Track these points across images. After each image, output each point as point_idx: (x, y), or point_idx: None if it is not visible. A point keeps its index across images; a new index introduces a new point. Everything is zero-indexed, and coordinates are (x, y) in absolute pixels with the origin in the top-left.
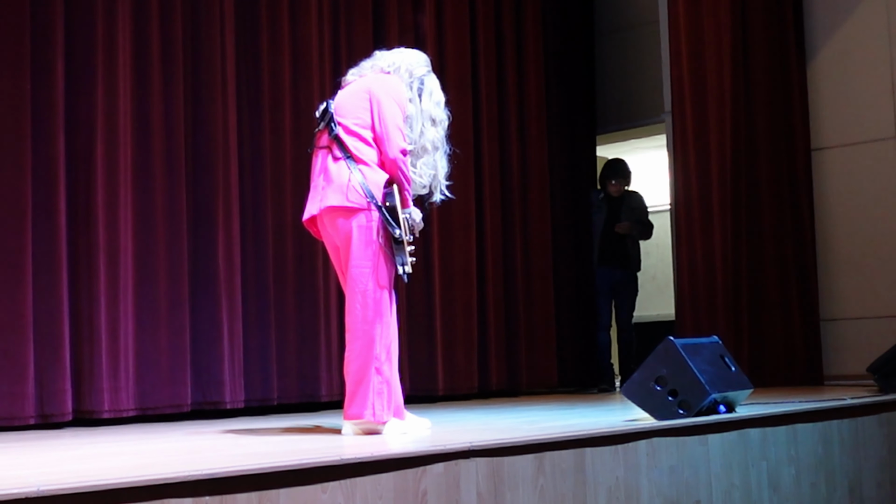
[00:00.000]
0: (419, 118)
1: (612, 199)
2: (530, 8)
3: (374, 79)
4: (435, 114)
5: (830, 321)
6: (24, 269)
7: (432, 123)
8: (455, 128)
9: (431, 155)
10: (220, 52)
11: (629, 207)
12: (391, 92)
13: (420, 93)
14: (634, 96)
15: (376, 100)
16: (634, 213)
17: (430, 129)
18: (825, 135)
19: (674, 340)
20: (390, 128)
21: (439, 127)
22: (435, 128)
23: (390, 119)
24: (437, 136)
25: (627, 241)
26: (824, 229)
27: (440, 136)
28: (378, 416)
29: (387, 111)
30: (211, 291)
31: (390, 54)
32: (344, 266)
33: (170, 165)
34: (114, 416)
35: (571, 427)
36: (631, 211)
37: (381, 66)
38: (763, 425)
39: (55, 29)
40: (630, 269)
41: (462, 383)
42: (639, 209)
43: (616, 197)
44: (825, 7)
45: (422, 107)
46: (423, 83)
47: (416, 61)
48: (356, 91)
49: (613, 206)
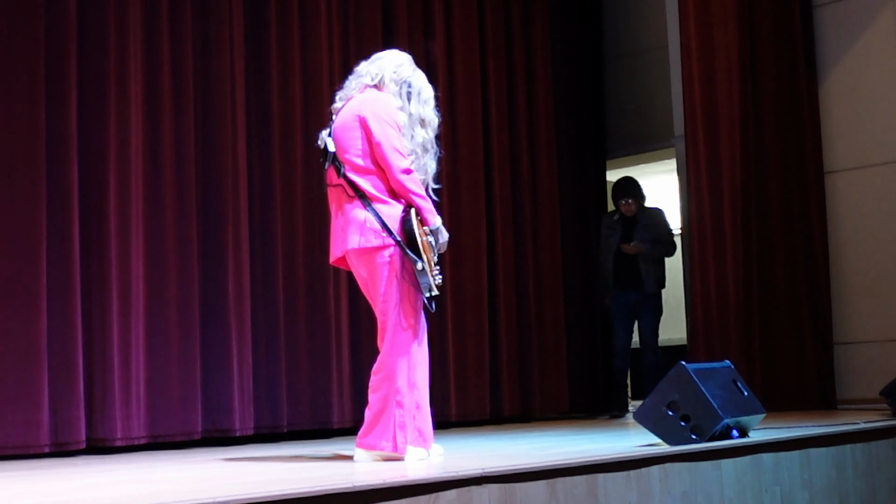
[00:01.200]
0: (410, 123)
1: (627, 218)
2: (539, 33)
3: (361, 101)
4: (424, 113)
5: (843, 345)
6: (39, 296)
7: (421, 125)
8: (465, 153)
9: (422, 158)
10: (230, 81)
11: (644, 226)
12: (380, 112)
13: (409, 96)
14: (644, 121)
15: (368, 127)
16: (650, 230)
17: (419, 132)
18: (837, 158)
19: (686, 365)
20: (387, 152)
21: (428, 128)
22: (424, 129)
23: (385, 143)
24: (427, 137)
25: (640, 261)
26: (837, 253)
27: (430, 138)
28: (399, 448)
29: (380, 136)
30: (221, 319)
31: (371, 65)
32: (372, 300)
33: (180, 194)
34: (126, 443)
35: (584, 453)
36: (646, 229)
37: (364, 81)
38: (776, 450)
39: (69, 61)
40: (646, 290)
41: (474, 409)
42: (655, 226)
43: (630, 216)
44: (836, 30)
45: (411, 110)
46: (410, 85)
47: (398, 63)
48: (348, 121)
49: (627, 225)
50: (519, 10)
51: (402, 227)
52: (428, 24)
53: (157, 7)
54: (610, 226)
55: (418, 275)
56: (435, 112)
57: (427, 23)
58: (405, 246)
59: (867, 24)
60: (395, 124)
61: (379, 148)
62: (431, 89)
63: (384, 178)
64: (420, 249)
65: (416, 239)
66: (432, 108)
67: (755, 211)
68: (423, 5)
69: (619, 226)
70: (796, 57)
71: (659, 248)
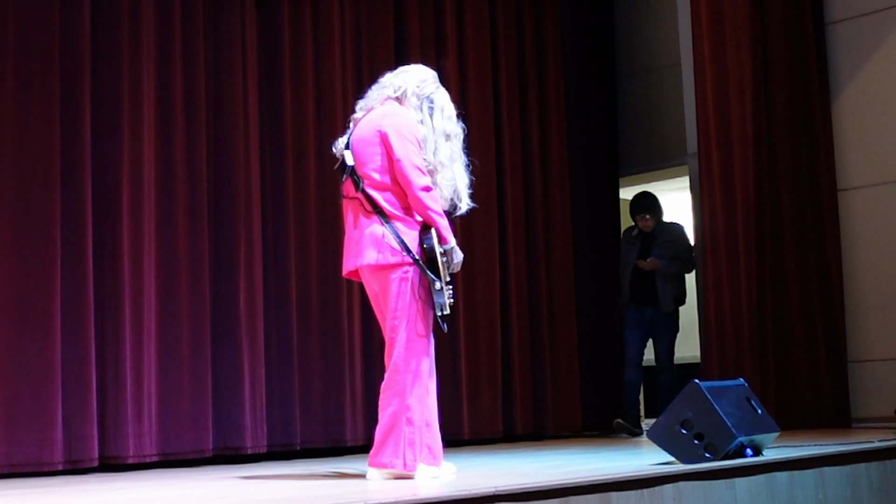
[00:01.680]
0: (432, 137)
1: (646, 234)
2: (552, 51)
3: (382, 115)
4: (448, 128)
5: (858, 363)
6: (53, 314)
7: (446, 139)
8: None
9: (449, 168)
10: (242, 98)
11: (663, 242)
12: (399, 127)
13: (431, 111)
14: (657, 138)
15: (388, 143)
16: (669, 246)
17: (444, 146)
18: (851, 175)
19: (699, 383)
20: (407, 169)
21: (454, 140)
22: (449, 142)
23: (405, 158)
24: (453, 149)
25: (656, 277)
26: (851, 270)
27: (456, 149)
28: (409, 465)
29: (400, 153)
30: (233, 336)
31: (395, 77)
32: (382, 316)
33: (192, 212)
34: (138, 461)
35: (596, 471)
36: (664, 245)
37: (387, 93)
38: (790, 468)
39: (83, 80)
40: (662, 307)
41: (487, 427)
42: (674, 242)
43: (649, 232)
44: (849, 48)
45: (434, 125)
46: (432, 101)
47: (423, 79)
48: (368, 135)
49: (646, 241)
50: (531, 28)
51: (422, 245)
52: (440, 43)
53: (170, 26)
54: (629, 241)
55: (434, 294)
56: (460, 125)
57: (440, 42)
58: (424, 265)
59: (881, 42)
60: (416, 140)
61: (399, 164)
62: (454, 108)
63: (401, 195)
64: (439, 268)
65: (436, 258)
66: (456, 123)
67: (769, 228)
68: (435, 24)
69: (638, 241)
70: (809, 74)
71: (677, 265)
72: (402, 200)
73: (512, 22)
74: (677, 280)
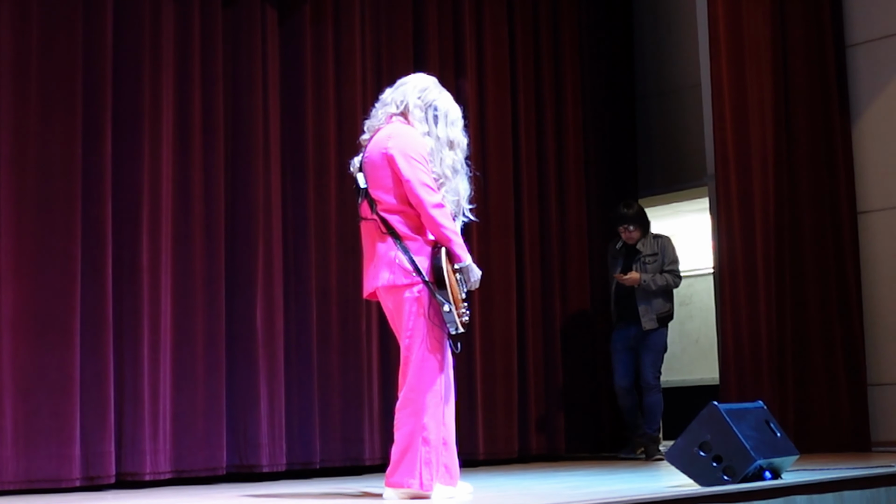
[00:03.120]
0: (438, 146)
1: (630, 247)
2: (570, 72)
3: (387, 137)
4: (452, 136)
5: (877, 386)
6: (73, 330)
7: (450, 147)
8: (495, 191)
9: (452, 180)
10: (262, 116)
11: (647, 255)
12: (404, 148)
13: (436, 120)
14: (676, 160)
15: (395, 165)
16: (653, 260)
17: (448, 154)
18: (871, 197)
19: (718, 405)
20: (417, 188)
21: (457, 149)
22: (453, 151)
23: (414, 179)
24: (456, 158)
25: (637, 294)
26: (870, 293)
27: (459, 159)
28: (426, 485)
29: (408, 173)
30: (250, 355)
31: (395, 91)
32: (398, 335)
33: (209, 230)
34: (154, 478)
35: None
36: (648, 259)
37: (390, 110)
38: (810, 492)
39: (105, 97)
40: (644, 325)
41: (502, 448)
42: (658, 255)
43: (633, 245)
44: (869, 70)
45: (438, 133)
46: (436, 109)
47: (423, 88)
48: (376, 159)
49: (630, 255)
50: (549, 49)
51: (432, 265)
52: (459, 63)
53: (190, 43)
54: (613, 255)
55: (444, 315)
56: (464, 133)
57: (458, 61)
58: (433, 286)
59: None
60: (422, 158)
61: (408, 185)
62: (459, 109)
63: (412, 215)
64: (447, 289)
65: (444, 279)
66: (460, 129)
67: (788, 251)
68: (454, 44)
69: (622, 255)
70: (830, 96)
71: (662, 280)
72: (412, 221)
73: (530, 42)
74: (664, 296)
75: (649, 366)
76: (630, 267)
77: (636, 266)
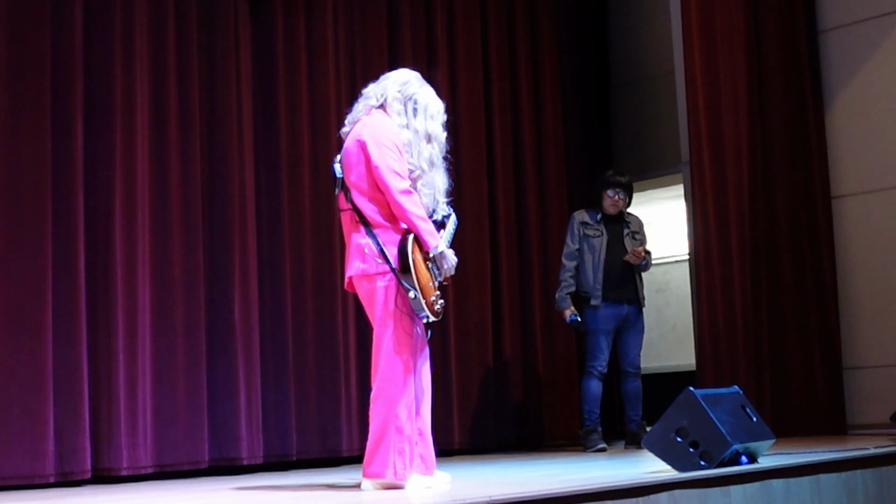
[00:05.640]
0: (416, 139)
1: (612, 219)
2: (546, 61)
3: (363, 125)
4: (431, 129)
5: (853, 369)
6: (45, 326)
7: (427, 140)
8: (470, 181)
9: (429, 173)
10: (236, 109)
11: (633, 231)
12: (377, 135)
13: (415, 112)
14: (651, 147)
15: (366, 151)
16: (638, 237)
17: (425, 148)
18: (845, 182)
19: (694, 391)
20: (385, 174)
21: (434, 143)
22: (430, 144)
23: (382, 165)
24: (434, 152)
25: (635, 269)
26: (845, 277)
27: (437, 153)
28: (400, 474)
29: (377, 159)
30: (228, 347)
31: (377, 86)
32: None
33: (187, 223)
34: (132, 473)
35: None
36: (633, 236)
37: (371, 104)
38: (786, 476)
39: (75, 90)
40: (640, 304)
41: (480, 437)
42: (642, 234)
43: (615, 216)
44: (842, 55)
45: (416, 126)
46: (416, 102)
47: (404, 82)
48: (351, 147)
49: (615, 228)
50: (525, 38)
51: (398, 252)
52: (432, 54)
53: (164, 36)
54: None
55: (412, 303)
56: (443, 127)
57: (431, 52)
58: (399, 274)
59: (874, 49)
60: (394, 146)
61: (377, 171)
62: (440, 103)
63: (383, 203)
64: (413, 276)
65: (409, 265)
66: (440, 123)
67: (763, 236)
68: (427, 34)
69: (604, 227)
70: (803, 82)
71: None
72: (384, 209)
73: (504, 32)
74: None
75: (637, 348)
76: (619, 240)
77: (627, 240)
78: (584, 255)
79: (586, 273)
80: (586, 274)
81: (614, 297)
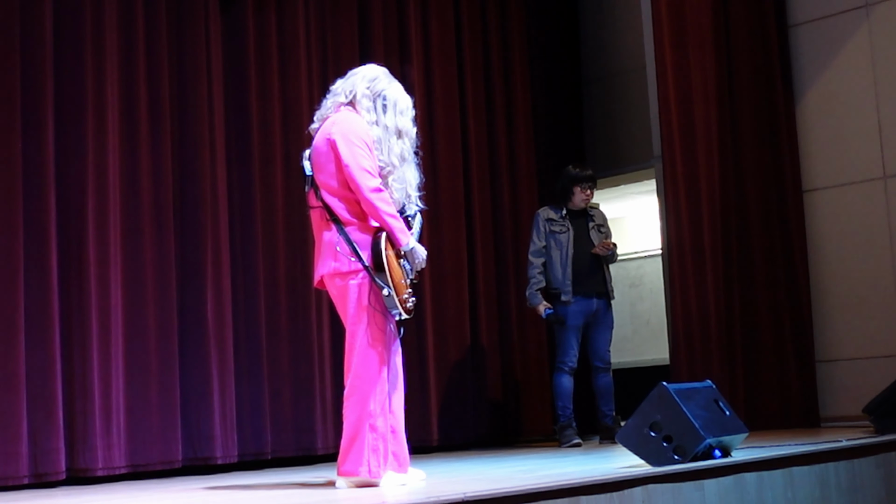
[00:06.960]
0: (385, 136)
1: (576, 214)
2: (518, 57)
3: (332, 123)
4: (401, 125)
5: (826, 362)
6: (17, 326)
7: (398, 136)
8: (445, 176)
9: (399, 169)
10: (207, 107)
11: (597, 225)
12: (346, 133)
13: (385, 109)
14: (623, 142)
15: (336, 149)
16: (603, 230)
17: (396, 144)
18: (815, 176)
19: (667, 386)
20: (355, 172)
21: (405, 138)
22: (401, 140)
23: (353, 163)
24: (404, 147)
25: (603, 262)
26: (817, 270)
27: (407, 147)
28: (374, 472)
29: (347, 157)
30: (202, 346)
31: (345, 82)
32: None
33: (159, 222)
34: (107, 473)
35: (566, 475)
36: (598, 229)
37: (339, 100)
38: (759, 469)
39: (45, 89)
40: (608, 297)
41: (457, 433)
42: (607, 227)
43: (579, 211)
44: (812, 49)
45: (386, 122)
46: (385, 98)
47: (372, 78)
48: (321, 145)
49: (580, 222)
50: (497, 34)
51: (372, 251)
52: (405, 49)
53: (134, 34)
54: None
55: (385, 300)
56: (413, 122)
57: (404, 47)
58: (372, 271)
59: (843, 43)
60: (364, 144)
61: (347, 169)
62: (409, 99)
63: (354, 201)
64: (387, 274)
65: (382, 263)
66: (410, 119)
67: (735, 230)
68: (399, 30)
69: (569, 222)
70: (773, 76)
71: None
72: (354, 207)
73: (477, 28)
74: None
75: (607, 343)
76: (585, 234)
77: (593, 233)
78: (551, 251)
79: (555, 269)
80: (555, 270)
81: (584, 291)
